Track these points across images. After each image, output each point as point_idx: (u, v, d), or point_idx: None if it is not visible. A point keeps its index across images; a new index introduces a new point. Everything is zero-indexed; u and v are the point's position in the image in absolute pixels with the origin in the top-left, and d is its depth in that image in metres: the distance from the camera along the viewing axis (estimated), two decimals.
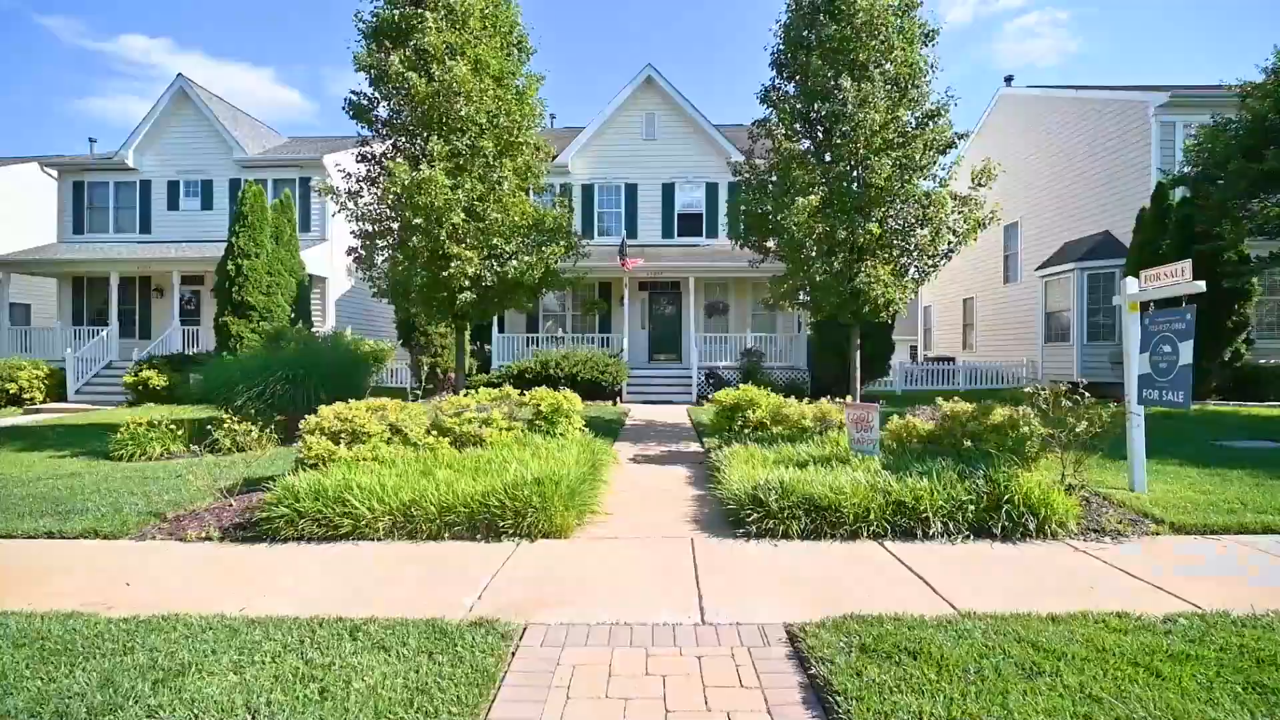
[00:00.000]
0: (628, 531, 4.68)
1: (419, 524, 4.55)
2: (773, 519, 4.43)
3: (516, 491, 4.61)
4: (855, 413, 5.67)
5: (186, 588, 3.74)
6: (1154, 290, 5.25)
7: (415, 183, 8.01)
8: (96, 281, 18.69)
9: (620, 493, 5.85)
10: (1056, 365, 16.73)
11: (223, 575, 3.95)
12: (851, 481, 4.67)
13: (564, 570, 3.92)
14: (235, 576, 3.92)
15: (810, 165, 8.75)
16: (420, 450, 6.03)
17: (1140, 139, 14.85)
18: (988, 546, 4.24)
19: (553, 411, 7.13)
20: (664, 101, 18.30)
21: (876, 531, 4.38)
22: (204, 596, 3.58)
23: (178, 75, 18.78)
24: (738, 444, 6.65)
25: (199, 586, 3.76)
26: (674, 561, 4.03)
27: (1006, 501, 4.43)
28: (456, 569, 3.95)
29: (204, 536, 4.72)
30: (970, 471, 4.74)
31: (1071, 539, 4.38)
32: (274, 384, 9.47)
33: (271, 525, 4.58)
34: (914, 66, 8.66)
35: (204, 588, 3.74)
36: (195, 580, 3.86)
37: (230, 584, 3.79)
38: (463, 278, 8.44)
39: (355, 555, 4.27)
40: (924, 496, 4.47)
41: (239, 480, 6.27)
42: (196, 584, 3.80)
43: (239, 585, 3.76)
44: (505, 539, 4.48)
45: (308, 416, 5.92)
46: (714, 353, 16.66)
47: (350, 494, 4.68)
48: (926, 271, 9.18)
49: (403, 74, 8.17)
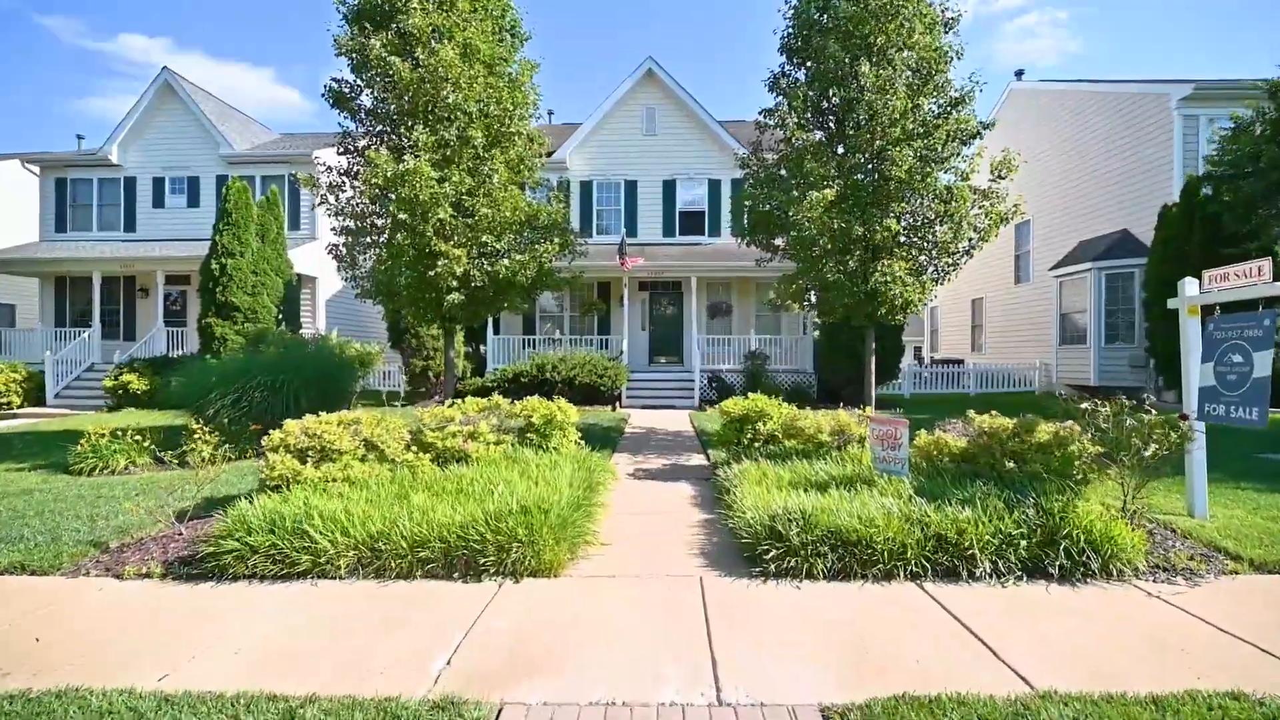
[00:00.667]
0: (627, 567, 4.09)
1: (387, 560, 3.97)
2: (794, 556, 3.85)
3: (500, 523, 4.03)
4: (880, 428, 5.08)
5: (107, 644, 3.16)
6: (1220, 293, 4.67)
7: (399, 175, 7.42)
8: (79, 281, 18.10)
9: (619, 516, 5.27)
10: (1071, 368, 16.15)
11: (153, 625, 3.36)
12: (882, 510, 4.09)
13: (552, 621, 3.34)
14: (167, 627, 3.34)
15: (825, 157, 8.16)
16: (398, 469, 5.45)
17: (1161, 133, 14.25)
18: (1044, 590, 3.66)
19: (545, 423, 6.55)
20: (665, 95, 17.70)
21: (914, 571, 3.79)
22: (123, 657, 3.00)
23: (163, 68, 18.19)
24: (747, 460, 6.07)
25: (123, 641, 3.18)
26: (681, 610, 3.45)
27: (1063, 536, 3.85)
28: (426, 618, 3.37)
29: (144, 573, 4.14)
30: (1018, 499, 4.16)
31: (1139, 579, 3.79)
32: (250, 390, 8.89)
33: (218, 562, 4.00)
34: (936, 51, 8.08)
35: (128, 642, 3.16)
36: (121, 632, 3.28)
37: (159, 638, 3.21)
38: (450, 277, 7.84)
39: (311, 599, 3.69)
40: (968, 529, 3.89)
41: (200, 501, 5.71)
42: (121, 638, 3.22)
43: (169, 640, 3.18)
44: (486, 578, 3.89)
45: (271, 432, 5.33)
46: (717, 355, 16.08)
47: (311, 524, 4.10)
48: (946, 271, 8.60)
49: (384, 58, 7.58)
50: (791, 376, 15.23)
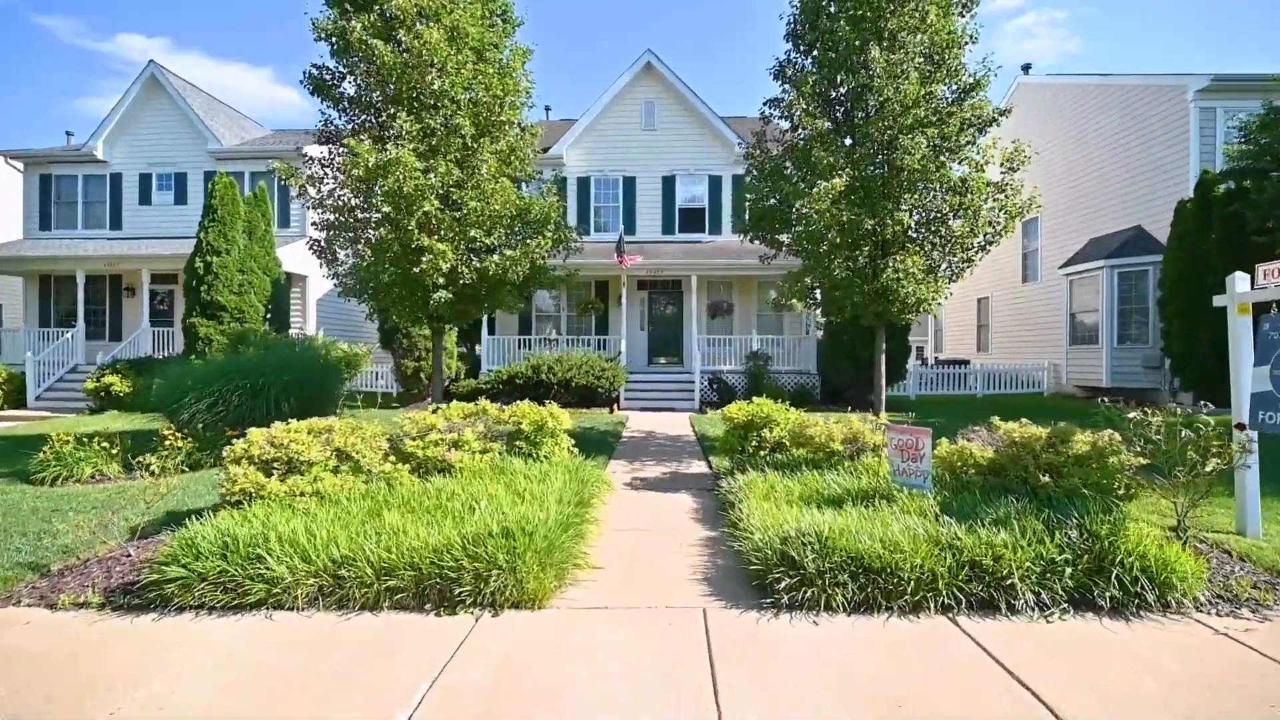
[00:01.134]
0: (621, 596, 3.65)
1: (351, 589, 3.52)
2: (810, 585, 3.40)
3: (478, 547, 3.58)
4: (900, 437, 4.64)
5: (13, 696, 2.72)
6: (1276, 289, 4.23)
7: (381, 165, 6.97)
8: (64, 280, 17.64)
9: (613, 532, 4.83)
10: (1082, 369, 15.71)
11: (75, 670, 2.92)
12: (907, 532, 3.65)
13: (533, 664, 2.90)
14: (91, 672, 2.90)
15: (834, 147, 7.72)
16: (374, 481, 5.01)
17: (1177, 127, 13.79)
18: (1098, 626, 3.22)
19: (535, 430, 6.10)
20: (665, 89, 17.26)
21: (946, 603, 3.35)
22: (29, 716, 2.56)
23: (149, 61, 17.73)
24: (753, 471, 5.62)
25: (32, 692, 2.74)
26: (683, 652, 3.01)
27: (1113, 562, 3.41)
28: (387, 663, 2.93)
29: (80, 602, 3.69)
30: (1059, 519, 3.72)
31: (1200, 612, 3.35)
32: (227, 394, 8.45)
33: (161, 592, 3.55)
34: (950, 36, 7.63)
35: (39, 695, 2.72)
36: (35, 680, 2.84)
37: (78, 688, 2.77)
38: (436, 274, 7.39)
39: (262, 637, 3.25)
40: (1005, 555, 3.44)
41: (161, 516, 5.28)
42: (32, 687, 2.78)
43: (88, 690, 2.74)
44: (462, 610, 3.45)
45: (234, 442, 4.89)
46: (718, 356, 15.64)
47: (267, 548, 3.65)
48: (961, 268, 8.16)
49: (366, 42, 7.13)
50: (794, 377, 14.79)
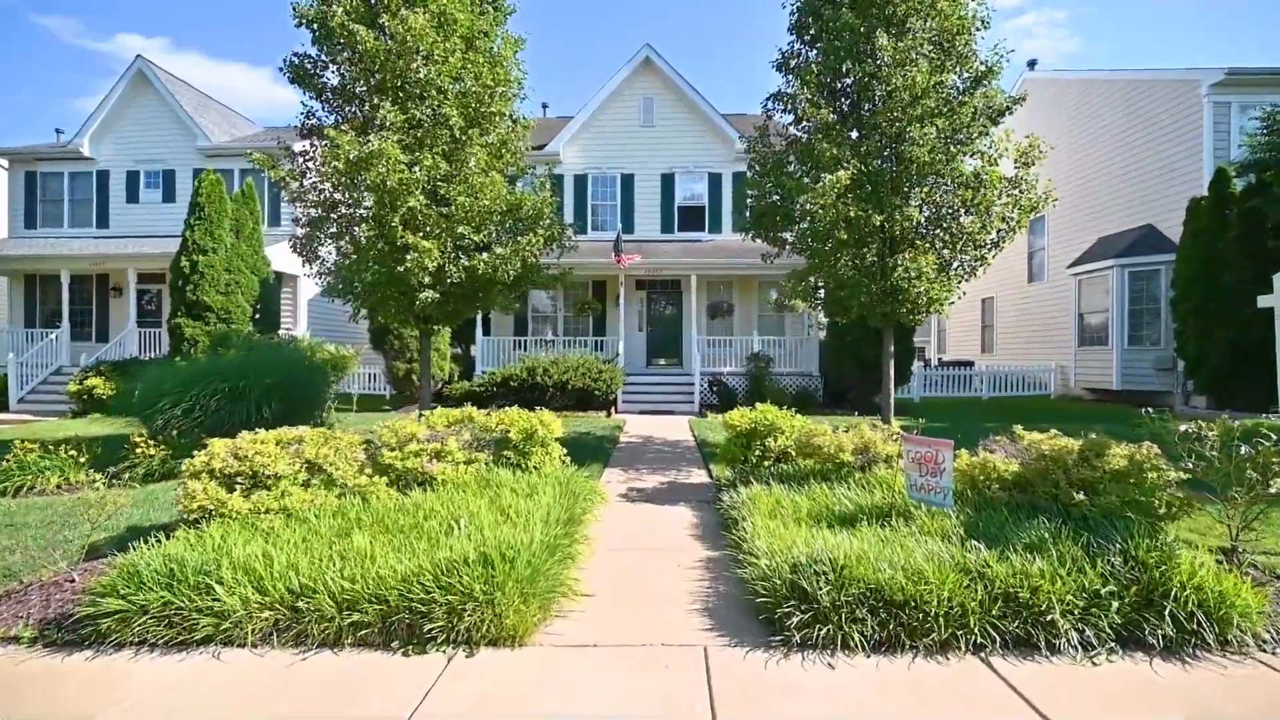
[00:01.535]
0: (613, 632, 3.26)
1: (310, 624, 3.15)
2: (824, 622, 3.02)
3: (452, 577, 3.20)
4: (918, 449, 4.26)
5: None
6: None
7: (363, 157, 6.59)
8: (49, 280, 17.24)
9: (606, 553, 4.45)
10: (1091, 371, 15.34)
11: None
12: (932, 559, 3.27)
13: (511, 713, 2.52)
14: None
15: (839, 139, 7.34)
16: (347, 496, 4.63)
17: (1188, 123, 13.42)
18: (1149, 669, 2.84)
19: (524, 439, 5.72)
20: (663, 85, 16.87)
21: (978, 641, 2.97)
22: None
23: (136, 57, 17.35)
24: (757, 483, 5.24)
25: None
26: (681, 698, 2.63)
27: (1164, 595, 3.04)
28: (347, 710, 2.55)
29: (10, 636, 3.31)
30: (1100, 544, 3.34)
31: (1265, 651, 2.98)
32: (205, 398, 8.07)
33: (96, 627, 3.17)
34: (961, 20, 7.26)
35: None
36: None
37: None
38: (422, 273, 7.00)
39: (208, 678, 2.87)
40: (1043, 586, 3.07)
41: (122, 532, 4.91)
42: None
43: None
44: (433, 648, 3.07)
45: (195, 454, 4.51)
46: (718, 357, 15.26)
47: (218, 576, 3.28)
48: (974, 266, 7.77)
49: (348, 27, 6.75)
50: (796, 379, 14.42)
